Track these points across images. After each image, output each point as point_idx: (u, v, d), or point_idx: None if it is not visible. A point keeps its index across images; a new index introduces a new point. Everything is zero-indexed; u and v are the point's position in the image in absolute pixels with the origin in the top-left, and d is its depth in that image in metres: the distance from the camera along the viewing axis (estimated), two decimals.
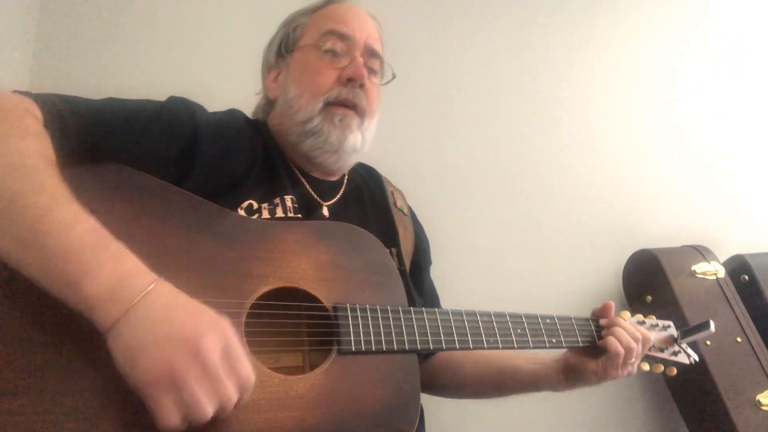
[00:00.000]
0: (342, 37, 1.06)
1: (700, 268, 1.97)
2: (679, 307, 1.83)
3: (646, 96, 2.26)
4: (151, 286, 0.64)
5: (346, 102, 1.03)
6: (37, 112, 0.75)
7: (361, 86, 1.04)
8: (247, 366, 0.66)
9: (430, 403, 1.09)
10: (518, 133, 2.02)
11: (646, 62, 2.27)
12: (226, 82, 1.50)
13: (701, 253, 2.03)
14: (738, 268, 2.04)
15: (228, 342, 0.65)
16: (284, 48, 1.12)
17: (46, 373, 0.63)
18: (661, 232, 2.12)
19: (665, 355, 1.16)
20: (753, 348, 1.83)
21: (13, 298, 0.64)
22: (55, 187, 0.66)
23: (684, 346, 1.18)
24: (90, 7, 1.56)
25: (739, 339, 1.84)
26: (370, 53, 1.09)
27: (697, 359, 1.19)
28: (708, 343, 1.78)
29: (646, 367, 1.16)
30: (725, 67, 2.41)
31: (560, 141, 2.08)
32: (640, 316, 1.18)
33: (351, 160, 1.10)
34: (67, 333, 0.65)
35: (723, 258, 2.06)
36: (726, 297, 1.93)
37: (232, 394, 0.64)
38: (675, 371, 1.17)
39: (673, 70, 2.32)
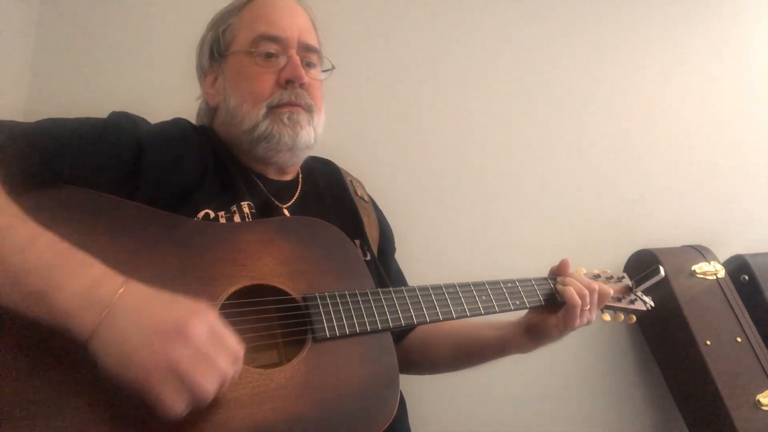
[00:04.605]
0: (274, 39, 1.04)
1: (700, 268, 1.97)
2: (679, 307, 1.83)
3: (645, 95, 2.26)
4: (122, 288, 0.65)
5: (290, 103, 1.03)
6: None
7: (302, 85, 1.03)
8: (233, 339, 0.68)
9: (412, 389, 1.11)
10: (518, 133, 2.02)
11: (647, 62, 2.27)
12: None
13: (701, 253, 2.03)
14: (738, 268, 2.04)
15: (210, 321, 0.67)
16: (216, 52, 1.09)
17: (35, 399, 0.62)
18: (661, 232, 2.12)
19: (623, 304, 1.22)
20: (753, 348, 1.83)
21: None
22: (6, 206, 0.67)
23: (639, 294, 1.24)
24: (90, 7, 1.56)
25: (739, 339, 1.84)
26: (306, 48, 1.07)
27: (653, 305, 1.25)
28: (708, 343, 1.78)
29: (607, 317, 1.21)
30: (724, 68, 2.41)
31: (560, 141, 2.08)
32: (595, 270, 1.24)
33: (304, 155, 1.10)
34: (45, 356, 0.64)
35: (723, 258, 2.06)
36: (726, 297, 1.93)
37: (228, 369, 0.66)
38: (634, 319, 1.23)
39: (674, 70, 2.32)
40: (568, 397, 1.91)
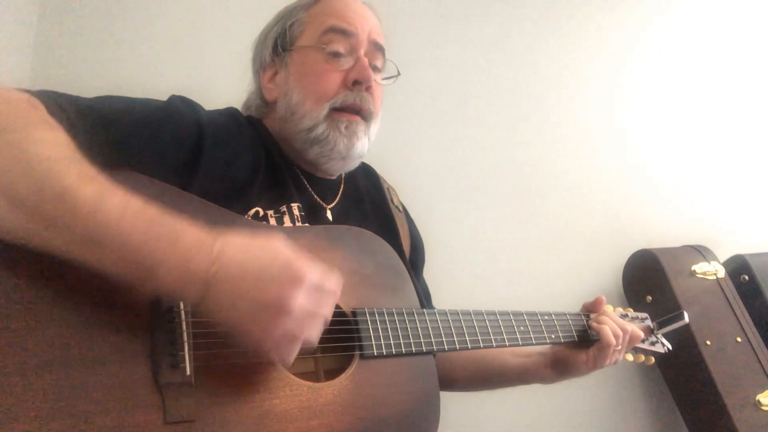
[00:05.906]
0: (345, 33, 1.00)
1: (700, 268, 1.97)
2: (679, 308, 1.83)
3: (645, 96, 2.26)
4: (215, 264, 0.64)
5: (353, 107, 0.99)
6: (43, 110, 0.69)
7: (368, 88, 1.00)
8: (329, 281, 0.71)
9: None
10: (518, 133, 2.02)
11: (647, 62, 2.27)
12: (228, 80, 1.50)
13: (701, 253, 2.03)
14: (738, 268, 2.04)
15: (307, 282, 0.67)
16: (281, 46, 1.05)
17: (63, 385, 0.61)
18: (661, 232, 2.12)
19: (645, 345, 1.22)
20: (753, 348, 1.83)
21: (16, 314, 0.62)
22: (95, 175, 0.64)
23: (659, 336, 1.25)
24: (90, 6, 1.56)
25: (739, 339, 1.84)
26: (376, 47, 1.04)
27: (670, 348, 1.26)
28: (708, 343, 1.78)
29: (629, 357, 1.21)
30: (724, 67, 2.41)
31: (560, 141, 2.08)
32: (620, 310, 1.24)
33: (355, 164, 1.09)
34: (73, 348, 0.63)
35: (723, 258, 2.06)
36: (726, 297, 1.93)
37: (330, 311, 0.71)
38: (653, 360, 1.24)
39: (673, 69, 2.32)
40: (567, 396, 1.91)
